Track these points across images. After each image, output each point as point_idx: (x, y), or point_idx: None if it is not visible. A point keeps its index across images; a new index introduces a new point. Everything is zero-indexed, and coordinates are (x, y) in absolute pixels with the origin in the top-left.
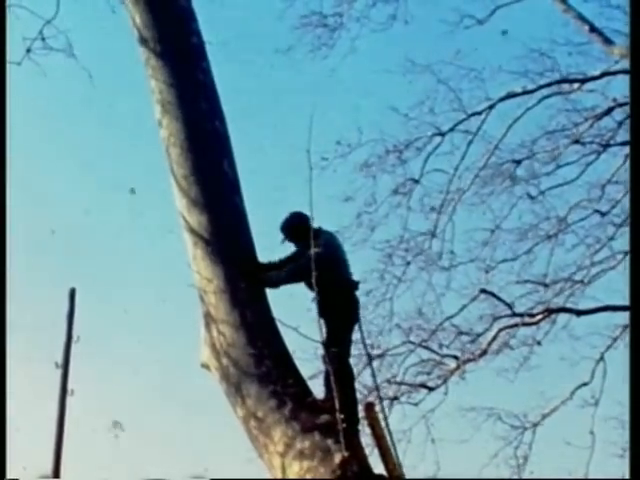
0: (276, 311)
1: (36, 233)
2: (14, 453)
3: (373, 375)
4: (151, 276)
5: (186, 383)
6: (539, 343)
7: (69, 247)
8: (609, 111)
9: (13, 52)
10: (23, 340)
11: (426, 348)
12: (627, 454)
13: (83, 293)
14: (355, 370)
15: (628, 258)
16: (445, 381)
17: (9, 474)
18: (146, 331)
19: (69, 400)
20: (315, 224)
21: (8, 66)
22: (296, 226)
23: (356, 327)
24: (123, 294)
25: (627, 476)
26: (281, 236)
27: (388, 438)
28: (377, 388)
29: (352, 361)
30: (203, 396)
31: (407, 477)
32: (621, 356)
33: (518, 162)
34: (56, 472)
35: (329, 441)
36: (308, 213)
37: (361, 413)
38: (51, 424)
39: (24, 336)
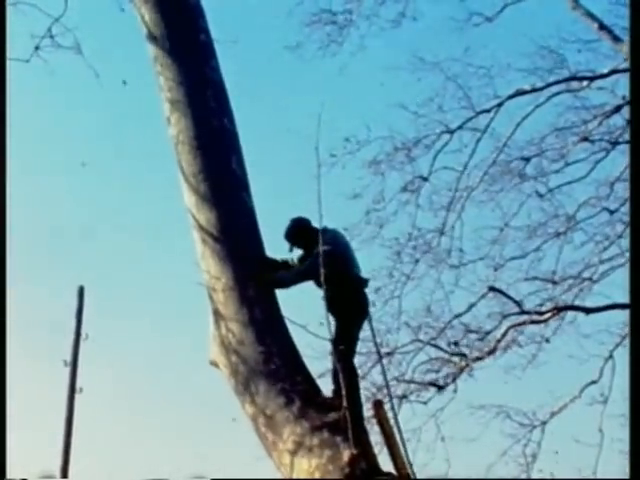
0: (285, 309)
1: (45, 232)
2: (22, 452)
3: (383, 373)
4: (160, 274)
5: (195, 381)
6: (548, 341)
7: (78, 245)
8: (618, 109)
9: (21, 49)
10: (31, 338)
11: (435, 346)
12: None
13: (92, 291)
14: (364, 368)
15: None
16: (454, 379)
17: (17, 472)
18: (155, 329)
19: (78, 398)
20: (323, 222)
21: (9, 63)
22: (299, 232)
23: (365, 325)
24: (132, 292)
25: None
26: (287, 245)
27: (397, 436)
28: (387, 386)
29: (361, 359)
30: (212, 394)
31: (417, 475)
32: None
33: (527, 160)
34: (64, 471)
35: (338, 439)
36: (317, 210)
37: (370, 411)
38: (59, 422)
39: (32, 334)
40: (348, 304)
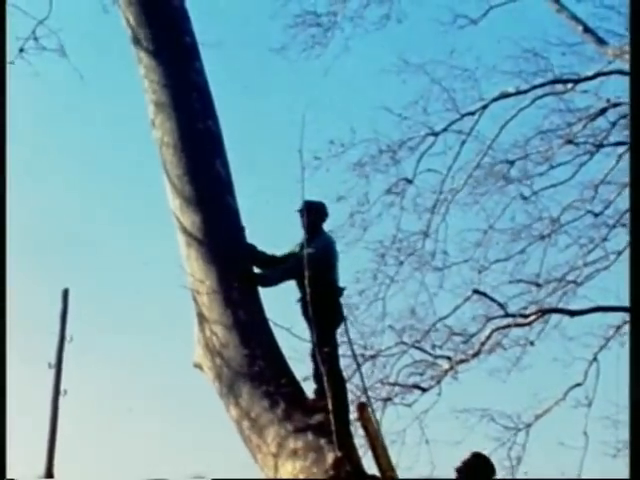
0: (269, 312)
1: (29, 234)
2: (7, 454)
3: (362, 380)
4: (144, 276)
5: (180, 383)
6: (532, 343)
7: (63, 248)
8: (602, 111)
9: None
10: (16, 340)
11: (419, 349)
12: (620, 454)
13: (76, 293)
14: (348, 372)
15: (622, 258)
16: (438, 382)
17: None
18: (139, 331)
19: (62, 400)
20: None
21: (8, 67)
22: (319, 215)
23: (341, 332)
24: (117, 294)
25: (620, 476)
26: (299, 213)
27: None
28: (366, 391)
29: (346, 362)
30: (197, 396)
31: (401, 478)
32: (614, 356)
33: (511, 162)
34: (49, 472)
35: (322, 441)
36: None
37: (354, 414)
38: (44, 424)
39: (17, 336)
40: (328, 308)
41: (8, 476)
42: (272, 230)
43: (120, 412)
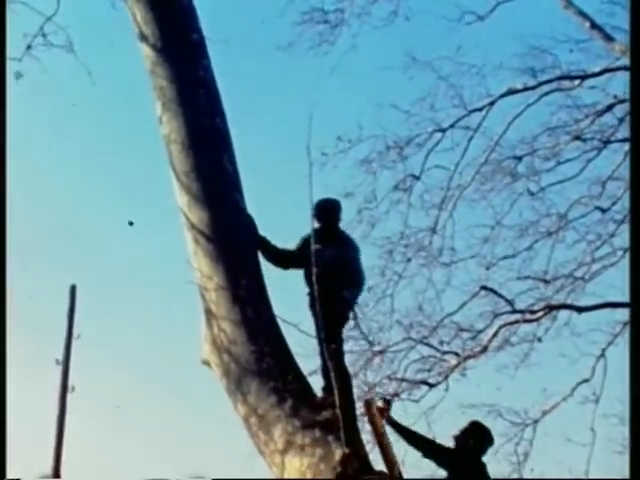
0: (276, 308)
1: (36, 229)
2: (14, 452)
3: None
4: (152, 273)
5: (188, 380)
6: (540, 340)
7: (70, 244)
8: (610, 108)
9: (13, 48)
10: (23, 337)
11: (427, 345)
12: (627, 451)
13: (84, 290)
14: (355, 367)
15: (628, 254)
16: (446, 378)
17: (9, 473)
18: (147, 328)
19: (69, 397)
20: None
21: (9, 63)
22: (334, 214)
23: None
24: (124, 291)
25: (627, 473)
26: (314, 212)
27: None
28: (373, 387)
29: (353, 358)
30: (205, 393)
31: (408, 474)
32: (622, 353)
33: (519, 158)
34: (56, 471)
35: (330, 437)
36: (308, 209)
37: (361, 410)
38: (51, 422)
39: (24, 333)
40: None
41: (14, 476)
42: (277, 227)
43: (126, 410)
